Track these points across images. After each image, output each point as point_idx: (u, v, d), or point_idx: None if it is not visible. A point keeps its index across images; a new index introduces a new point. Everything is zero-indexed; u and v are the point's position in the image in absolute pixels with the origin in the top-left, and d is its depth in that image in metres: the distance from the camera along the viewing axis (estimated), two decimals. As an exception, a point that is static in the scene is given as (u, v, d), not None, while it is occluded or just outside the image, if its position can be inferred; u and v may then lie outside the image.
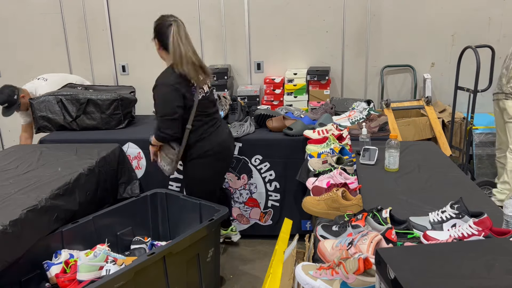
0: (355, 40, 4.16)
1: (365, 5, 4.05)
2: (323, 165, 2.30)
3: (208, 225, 2.23)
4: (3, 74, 4.57)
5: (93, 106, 3.19)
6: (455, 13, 3.98)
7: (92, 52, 4.45)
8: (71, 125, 3.20)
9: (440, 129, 3.59)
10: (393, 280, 0.94)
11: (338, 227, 1.59)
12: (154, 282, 2.00)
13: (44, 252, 2.09)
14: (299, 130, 2.93)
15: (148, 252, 1.97)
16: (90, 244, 2.27)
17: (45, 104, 3.18)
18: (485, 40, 3.91)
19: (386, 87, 4.23)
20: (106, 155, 2.76)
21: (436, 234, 1.44)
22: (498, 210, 1.72)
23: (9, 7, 4.39)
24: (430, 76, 4.08)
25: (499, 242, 1.10)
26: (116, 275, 1.78)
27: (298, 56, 4.23)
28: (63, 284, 1.97)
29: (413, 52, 4.12)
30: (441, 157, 2.48)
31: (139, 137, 3.03)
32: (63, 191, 2.23)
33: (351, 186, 1.94)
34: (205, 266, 2.32)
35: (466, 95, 3.45)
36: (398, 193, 1.98)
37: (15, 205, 1.97)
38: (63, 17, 4.38)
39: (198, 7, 4.20)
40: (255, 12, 4.17)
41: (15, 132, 4.59)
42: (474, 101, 3.35)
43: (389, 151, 2.25)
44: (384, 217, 1.50)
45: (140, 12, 4.28)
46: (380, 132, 2.84)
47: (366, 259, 1.20)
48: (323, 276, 1.27)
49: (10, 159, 2.65)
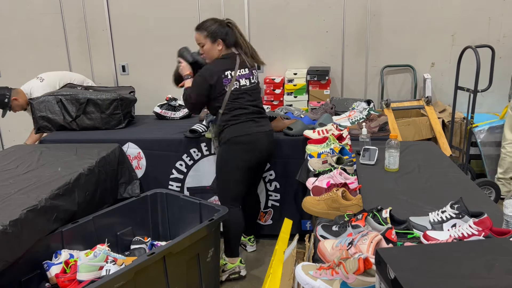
0: (355, 40, 4.16)
1: (365, 5, 4.05)
2: (323, 165, 2.30)
3: (208, 225, 2.23)
4: (3, 74, 4.57)
5: (93, 106, 3.19)
6: (455, 13, 3.99)
7: (92, 52, 4.45)
8: (71, 125, 3.20)
9: (440, 129, 3.60)
10: (393, 280, 0.94)
11: (338, 227, 1.59)
12: (154, 282, 2.00)
13: (44, 252, 2.09)
14: (299, 130, 2.93)
15: (148, 252, 1.97)
16: (90, 244, 2.27)
17: (45, 104, 3.18)
18: (485, 40, 3.91)
19: (386, 87, 4.23)
20: (106, 155, 2.76)
21: (436, 234, 1.44)
22: (498, 210, 1.72)
23: (9, 7, 4.39)
24: (430, 76, 4.08)
25: (499, 242, 1.10)
26: (116, 275, 1.78)
27: (298, 56, 4.24)
28: (63, 284, 1.97)
29: (413, 52, 4.12)
30: (441, 157, 2.48)
31: (139, 137, 3.03)
32: (63, 191, 2.23)
33: (351, 186, 1.94)
34: (205, 266, 2.32)
35: (466, 95, 3.45)
36: (398, 193, 1.98)
37: (15, 205, 1.96)
38: (63, 17, 4.38)
39: (198, 7, 4.20)
40: (255, 12, 4.17)
41: (15, 132, 4.59)
42: (474, 101, 3.35)
43: (389, 151, 2.25)
44: (384, 217, 1.50)
45: (140, 12, 4.28)
46: (380, 132, 2.84)
47: (366, 259, 1.20)
48: (323, 276, 1.27)
49: (10, 159, 2.65)
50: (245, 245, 3.06)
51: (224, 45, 2.55)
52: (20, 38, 4.46)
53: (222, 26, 2.54)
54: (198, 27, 2.56)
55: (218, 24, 2.54)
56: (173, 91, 3.41)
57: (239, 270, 2.69)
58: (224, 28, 2.54)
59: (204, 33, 2.53)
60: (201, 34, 2.54)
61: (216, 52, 2.56)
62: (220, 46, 2.54)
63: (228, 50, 2.59)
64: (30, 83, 3.47)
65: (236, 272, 2.68)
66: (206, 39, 2.53)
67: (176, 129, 3.18)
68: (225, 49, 2.57)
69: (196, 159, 3.01)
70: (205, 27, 2.53)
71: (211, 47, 2.55)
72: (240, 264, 2.70)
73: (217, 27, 2.52)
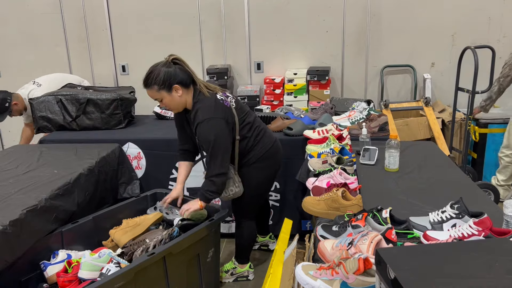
0: (355, 40, 4.16)
1: (365, 5, 4.05)
2: (323, 165, 2.30)
3: (208, 225, 2.23)
4: (3, 74, 4.57)
5: (93, 106, 3.19)
6: (455, 13, 3.99)
7: (92, 52, 4.45)
8: (71, 125, 3.20)
9: (438, 129, 3.59)
10: (393, 280, 0.94)
11: (338, 227, 1.59)
12: (154, 282, 2.00)
13: (44, 252, 2.09)
14: (299, 130, 2.92)
15: (148, 252, 1.97)
16: (90, 244, 2.27)
17: (44, 104, 3.18)
18: (485, 40, 3.91)
19: (386, 87, 4.23)
20: (106, 155, 2.76)
21: (436, 234, 1.44)
22: (498, 210, 1.72)
23: (9, 7, 4.39)
24: (430, 76, 4.08)
25: (499, 242, 1.10)
26: (116, 275, 1.78)
27: (298, 56, 4.24)
28: (63, 284, 1.97)
29: (413, 52, 4.12)
30: (441, 157, 2.48)
31: (139, 137, 3.03)
32: (63, 191, 2.23)
33: (351, 186, 1.94)
34: (205, 266, 2.32)
35: (467, 95, 3.45)
36: (398, 193, 1.98)
37: (15, 205, 1.96)
38: (63, 17, 4.38)
39: (198, 7, 4.20)
40: (255, 12, 4.17)
41: (15, 132, 4.59)
42: (472, 102, 3.35)
43: (389, 151, 2.25)
44: (384, 217, 1.50)
45: (140, 12, 4.28)
46: (380, 132, 2.84)
47: (366, 259, 1.20)
48: (323, 276, 1.27)
49: (10, 159, 2.64)
50: (267, 244, 3.04)
51: (182, 88, 2.19)
52: (20, 38, 4.46)
53: (169, 68, 2.16)
54: (146, 84, 2.19)
55: (164, 69, 2.15)
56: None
57: (247, 274, 2.69)
58: (171, 68, 2.17)
59: (154, 87, 2.16)
60: (152, 89, 2.17)
61: (179, 100, 2.20)
62: (179, 91, 2.18)
63: (189, 91, 2.22)
64: (27, 89, 3.42)
65: (244, 276, 2.69)
66: (160, 92, 2.16)
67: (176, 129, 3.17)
68: (185, 92, 2.21)
69: (196, 160, 3.01)
70: (152, 81, 2.15)
71: (171, 98, 2.19)
72: (249, 269, 2.69)
73: (164, 73, 2.14)
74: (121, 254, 2.03)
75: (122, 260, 1.95)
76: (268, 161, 2.43)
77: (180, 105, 2.24)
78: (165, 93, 2.17)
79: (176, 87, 2.16)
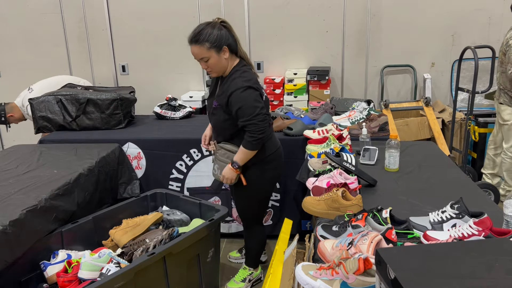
0: (355, 40, 4.16)
1: (365, 5, 4.05)
2: (323, 165, 2.30)
3: (208, 225, 2.23)
4: (3, 74, 4.57)
5: (93, 106, 3.19)
6: (455, 13, 3.99)
7: (92, 52, 4.46)
8: (71, 125, 3.20)
9: (438, 129, 3.60)
10: (393, 280, 0.94)
11: (338, 227, 1.59)
12: (154, 282, 2.00)
13: (44, 252, 2.09)
14: (299, 130, 2.92)
15: (148, 252, 1.97)
16: (90, 244, 2.27)
17: (44, 104, 3.18)
18: (485, 40, 3.91)
19: (386, 87, 4.24)
20: (106, 155, 2.76)
21: (436, 234, 1.44)
22: (498, 210, 1.72)
23: (9, 7, 4.39)
24: (430, 76, 4.08)
25: (499, 242, 1.10)
26: (116, 275, 1.78)
27: (298, 56, 4.24)
28: (63, 284, 1.97)
29: (413, 52, 4.12)
30: (441, 157, 2.48)
31: (139, 137, 3.03)
32: (63, 191, 2.23)
33: (351, 186, 1.94)
34: (205, 266, 2.31)
35: (467, 95, 3.45)
36: (398, 193, 1.98)
37: (14, 205, 1.96)
38: (63, 17, 4.38)
39: (198, 7, 4.20)
40: (255, 12, 4.17)
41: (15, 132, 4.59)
42: (472, 102, 3.35)
43: (389, 151, 2.25)
44: (384, 217, 1.50)
45: (140, 12, 4.28)
46: (380, 132, 2.84)
47: (366, 259, 1.20)
48: (323, 276, 1.27)
49: (10, 159, 2.64)
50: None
51: (229, 51, 2.16)
52: (20, 38, 4.47)
53: (220, 29, 2.12)
54: (196, 40, 2.10)
55: (217, 29, 2.11)
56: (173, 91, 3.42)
57: (260, 276, 2.72)
58: (222, 30, 2.13)
59: (206, 44, 2.09)
60: (202, 47, 2.10)
61: (224, 63, 2.16)
62: (226, 54, 2.14)
63: (232, 56, 2.20)
64: (21, 96, 3.42)
65: (258, 279, 2.71)
66: (210, 51, 2.10)
67: (176, 129, 3.18)
68: (230, 56, 2.18)
69: (196, 160, 3.01)
70: (205, 37, 2.08)
71: (218, 59, 2.13)
72: (261, 269, 2.72)
73: (217, 32, 2.10)
74: (121, 254, 2.03)
75: (122, 260, 1.95)
76: (273, 163, 2.38)
77: (223, 68, 2.18)
78: (214, 53, 2.11)
79: (225, 48, 2.13)
